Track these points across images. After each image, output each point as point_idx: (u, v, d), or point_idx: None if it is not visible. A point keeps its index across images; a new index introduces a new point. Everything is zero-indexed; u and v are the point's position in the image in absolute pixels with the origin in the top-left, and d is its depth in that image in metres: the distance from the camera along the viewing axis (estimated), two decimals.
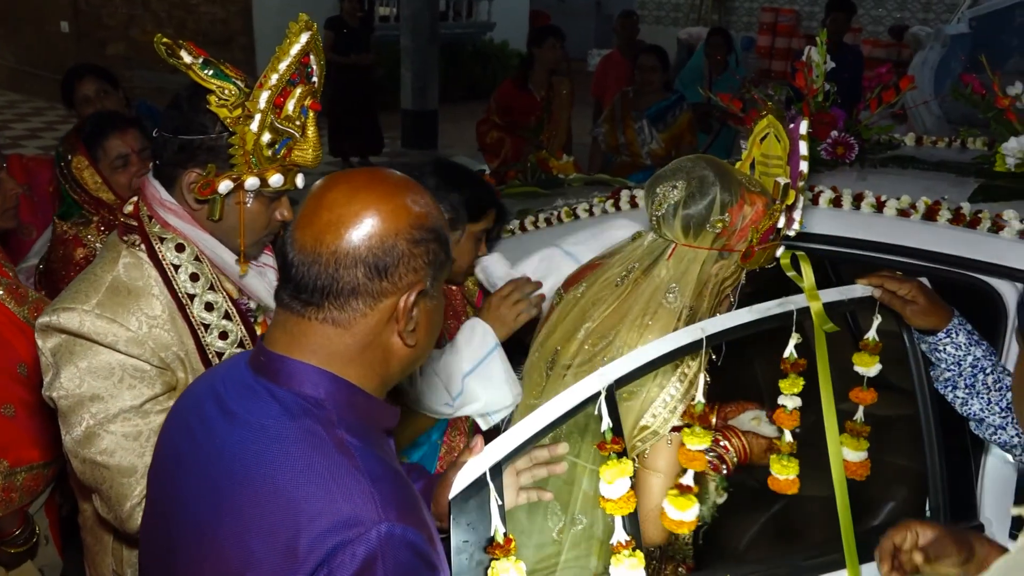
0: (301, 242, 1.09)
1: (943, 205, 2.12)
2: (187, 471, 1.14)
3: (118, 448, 1.51)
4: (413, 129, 9.58)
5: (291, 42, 1.49)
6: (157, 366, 1.54)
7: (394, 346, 1.13)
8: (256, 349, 1.17)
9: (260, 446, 1.06)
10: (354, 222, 1.07)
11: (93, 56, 9.64)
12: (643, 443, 1.61)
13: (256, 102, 1.49)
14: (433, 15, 9.47)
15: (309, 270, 1.07)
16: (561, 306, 1.78)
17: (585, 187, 3.67)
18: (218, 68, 1.51)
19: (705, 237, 1.64)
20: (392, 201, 1.09)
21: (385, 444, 1.17)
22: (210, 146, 1.52)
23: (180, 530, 1.13)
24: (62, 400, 1.52)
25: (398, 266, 1.08)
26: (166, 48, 1.49)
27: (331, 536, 0.98)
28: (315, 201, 1.10)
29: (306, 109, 1.53)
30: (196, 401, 1.20)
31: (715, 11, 14.68)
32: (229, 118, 1.49)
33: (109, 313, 1.52)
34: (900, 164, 2.57)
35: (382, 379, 1.15)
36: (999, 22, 5.98)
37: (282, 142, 1.54)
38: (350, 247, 1.06)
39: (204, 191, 1.53)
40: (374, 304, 1.09)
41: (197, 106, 1.51)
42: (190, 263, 1.61)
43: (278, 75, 1.49)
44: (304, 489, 1.01)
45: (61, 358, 1.52)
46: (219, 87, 1.49)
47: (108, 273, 1.58)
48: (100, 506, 1.60)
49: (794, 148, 1.61)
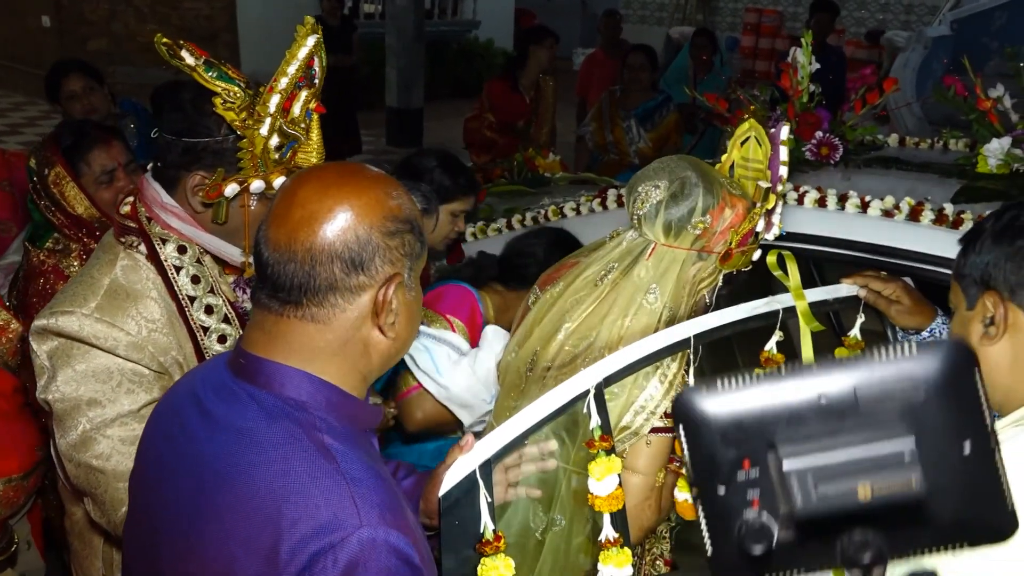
0: (275, 240, 1.08)
1: (926, 206, 2.14)
2: (168, 475, 1.13)
3: (114, 452, 1.50)
4: (398, 127, 9.56)
5: (299, 45, 1.50)
6: (155, 371, 1.53)
7: (374, 339, 1.12)
8: (235, 351, 1.15)
9: (240, 450, 1.05)
10: (327, 217, 1.06)
11: (75, 51, 9.56)
12: (622, 443, 1.62)
13: (267, 106, 1.49)
14: (418, 13, 9.45)
15: (285, 268, 1.07)
16: (538, 306, 1.78)
17: (571, 186, 3.68)
18: (222, 70, 1.50)
19: (685, 238, 1.65)
20: (364, 195, 1.09)
21: (368, 444, 1.16)
22: (215, 149, 1.52)
23: (162, 535, 1.12)
24: (58, 404, 1.50)
25: (374, 259, 1.08)
26: (167, 48, 1.48)
27: (312, 542, 0.97)
28: (287, 198, 1.09)
29: (311, 112, 1.54)
30: (176, 404, 1.19)
31: (700, 11, 14.74)
32: (236, 121, 1.49)
33: (108, 317, 1.51)
34: (884, 165, 2.59)
35: (363, 375, 1.15)
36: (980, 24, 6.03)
37: (288, 145, 1.54)
38: (325, 243, 1.06)
39: (212, 194, 1.51)
40: (352, 299, 1.08)
41: (202, 109, 1.50)
42: (192, 265, 1.60)
43: (287, 79, 1.50)
44: (285, 494, 1.00)
45: (58, 361, 1.51)
46: (224, 90, 1.48)
47: (105, 276, 1.56)
48: (93, 510, 1.59)
49: (775, 152, 1.63)
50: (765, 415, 0.73)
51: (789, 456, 0.72)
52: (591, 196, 2.99)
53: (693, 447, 0.75)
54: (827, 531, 0.72)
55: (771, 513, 0.72)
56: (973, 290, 1.27)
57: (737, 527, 0.73)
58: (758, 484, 0.73)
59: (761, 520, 0.72)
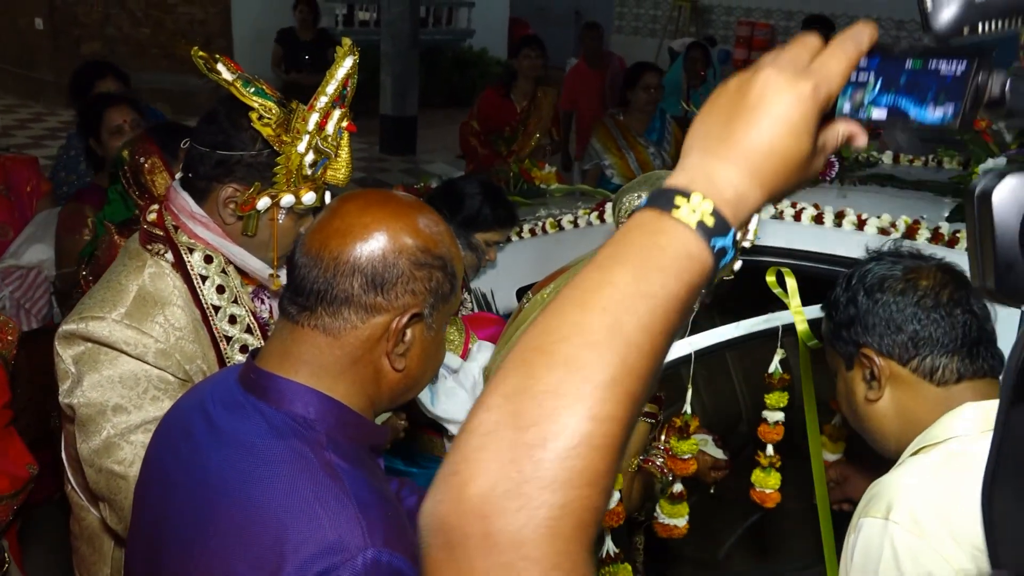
0: (309, 246, 1.10)
1: (922, 224, 2.16)
2: (173, 489, 1.13)
3: (136, 459, 1.49)
4: (392, 134, 9.57)
5: (337, 65, 1.54)
6: (181, 378, 1.54)
7: (384, 367, 1.12)
8: (246, 365, 1.15)
9: (246, 466, 1.05)
10: (361, 233, 1.07)
11: (68, 54, 9.53)
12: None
13: (306, 124, 1.52)
14: (413, 21, 9.48)
15: (309, 273, 1.08)
16: (529, 307, 1.81)
17: (567, 198, 3.70)
18: (258, 86, 1.53)
19: None
20: (403, 220, 1.10)
21: (374, 464, 1.16)
22: (249, 163, 1.54)
23: (166, 549, 1.12)
24: (82, 408, 1.50)
25: (396, 284, 1.08)
26: (204, 62, 1.51)
27: (317, 562, 0.96)
28: (331, 210, 1.12)
29: (342, 131, 1.57)
30: (183, 417, 1.18)
31: (692, 23, 14.81)
32: (272, 137, 1.51)
33: (137, 323, 1.52)
34: (879, 182, 2.63)
35: (371, 400, 1.14)
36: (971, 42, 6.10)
37: (321, 162, 1.57)
38: (351, 256, 1.07)
39: (245, 207, 1.54)
40: (366, 317, 1.08)
41: (238, 123, 1.53)
42: (217, 275, 1.61)
43: (326, 98, 1.53)
44: (290, 513, 1.00)
45: (84, 366, 1.51)
46: (261, 105, 1.50)
47: (133, 282, 1.57)
48: (109, 516, 1.59)
49: None
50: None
51: None
52: (588, 209, 3.00)
53: None
54: None
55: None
56: (848, 350, 1.32)
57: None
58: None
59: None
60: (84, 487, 1.65)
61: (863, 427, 1.33)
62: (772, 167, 0.66)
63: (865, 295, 1.28)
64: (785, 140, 0.65)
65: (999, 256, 0.71)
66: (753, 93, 0.66)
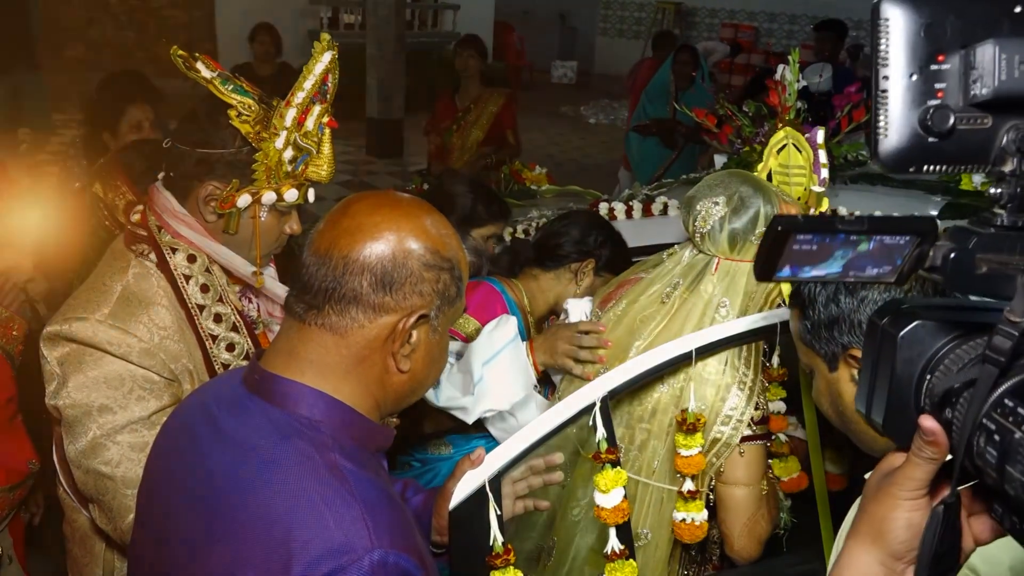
0: (317, 245, 1.10)
1: None
2: (177, 490, 1.13)
3: (123, 459, 1.50)
4: (379, 137, 9.56)
5: (315, 60, 1.53)
6: (166, 378, 1.54)
7: (390, 368, 1.12)
8: (251, 366, 1.15)
9: (251, 468, 1.04)
10: (372, 232, 1.08)
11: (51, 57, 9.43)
12: (718, 458, 1.65)
13: (283, 119, 1.52)
14: (399, 24, 9.47)
15: (318, 271, 1.08)
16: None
17: (557, 198, 3.72)
18: (237, 83, 1.53)
19: (748, 249, 1.69)
20: (414, 221, 1.11)
21: (379, 465, 1.16)
22: (229, 160, 1.53)
23: (170, 551, 1.11)
24: (68, 409, 1.50)
25: (404, 285, 1.08)
26: (183, 61, 1.50)
27: (323, 563, 0.96)
28: (340, 209, 1.12)
29: (323, 127, 1.56)
30: (188, 418, 1.18)
31: (676, 25, 14.88)
32: (251, 134, 1.51)
33: (121, 323, 1.52)
34: (869, 181, 2.66)
35: (377, 401, 1.14)
36: None
37: (301, 158, 1.56)
38: (361, 254, 1.07)
39: (225, 205, 1.54)
40: (373, 317, 1.08)
41: (217, 121, 1.52)
42: (201, 274, 1.61)
43: (304, 93, 1.52)
44: (296, 514, 0.99)
45: (69, 367, 1.51)
46: (240, 102, 1.50)
47: (117, 283, 1.57)
48: (99, 517, 1.59)
49: (816, 157, 1.67)
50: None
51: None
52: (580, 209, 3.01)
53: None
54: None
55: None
56: (831, 350, 1.24)
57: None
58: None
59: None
60: (74, 489, 1.65)
61: (850, 429, 1.28)
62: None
63: (847, 294, 1.22)
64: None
65: (891, 398, 0.73)
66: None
